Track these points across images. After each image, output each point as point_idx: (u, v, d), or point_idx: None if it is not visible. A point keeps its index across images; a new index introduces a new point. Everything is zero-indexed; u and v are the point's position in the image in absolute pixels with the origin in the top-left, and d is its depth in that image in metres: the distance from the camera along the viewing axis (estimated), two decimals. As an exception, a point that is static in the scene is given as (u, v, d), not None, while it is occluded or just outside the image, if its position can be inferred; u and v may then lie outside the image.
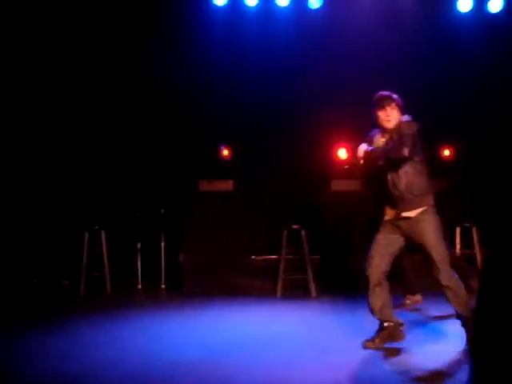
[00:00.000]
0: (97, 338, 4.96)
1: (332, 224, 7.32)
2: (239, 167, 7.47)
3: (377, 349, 4.37)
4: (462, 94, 7.56)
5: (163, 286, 7.41)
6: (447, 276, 4.26)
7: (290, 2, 7.80)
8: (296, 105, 7.52)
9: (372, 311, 4.44)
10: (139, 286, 7.38)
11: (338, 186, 7.28)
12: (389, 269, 4.42)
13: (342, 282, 6.96)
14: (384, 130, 4.40)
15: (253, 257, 7.32)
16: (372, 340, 4.41)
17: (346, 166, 6.67)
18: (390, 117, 4.34)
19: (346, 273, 7.10)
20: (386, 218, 4.46)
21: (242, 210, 7.39)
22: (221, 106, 7.65)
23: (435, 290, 4.53)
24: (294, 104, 7.53)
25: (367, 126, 7.27)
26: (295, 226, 6.89)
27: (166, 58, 7.42)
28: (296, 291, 6.89)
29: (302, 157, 7.39)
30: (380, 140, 4.42)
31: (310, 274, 6.87)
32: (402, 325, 4.45)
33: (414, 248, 4.60)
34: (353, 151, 4.52)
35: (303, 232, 6.84)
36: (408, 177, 4.29)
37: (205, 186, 7.35)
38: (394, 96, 4.41)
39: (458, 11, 7.84)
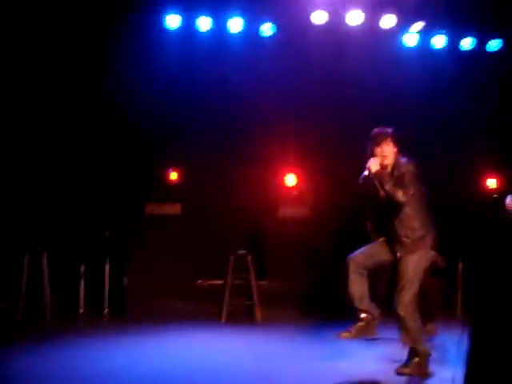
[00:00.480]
0: (33, 366, 4.77)
1: (279, 250, 7.35)
2: (188, 190, 7.44)
3: (352, 339, 4.41)
4: (404, 127, 7.77)
5: (106, 311, 7.23)
6: (405, 306, 4.33)
7: (243, 29, 7.90)
8: (246, 130, 7.57)
9: (351, 299, 4.43)
10: (81, 311, 7.18)
11: (285, 212, 7.34)
12: (368, 269, 4.47)
13: (287, 308, 6.97)
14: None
15: (199, 281, 7.26)
16: (349, 331, 4.45)
17: (295, 193, 6.76)
18: (386, 153, 4.39)
19: (292, 299, 7.14)
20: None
21: (190, 234, 7.34)
22: (170, 128, 7.62)
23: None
24: (243, 129, 7.58)
25: (316, 153, 7.45)
26: (242, 251, 6.89)
27: (117, 79, 7.36)
28: (241, 317, 6.86)
29: (251, 182, 7.43)
30: (375, 162, 4.40)
31: (256, 300, 6.85)
32: (377, 319, 4.51)
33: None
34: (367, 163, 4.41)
35: (250, 257, 6.84)
36: (405, 221, 4.35)
37: (152, 208, 7.28)
38: (389, 131, 4.49)
39: (404, 45, 8.12)
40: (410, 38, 8.11)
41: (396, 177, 4.32)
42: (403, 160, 4.44)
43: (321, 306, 7.02)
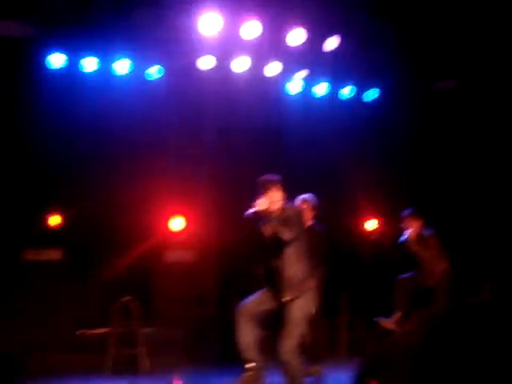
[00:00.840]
0: None
1: (165, 295, 7.20)
2: (70, 235, 7.13)
3: None
4: (289, 171, 8.00)
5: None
6: (288, 351, 4.37)
7: (130, 71, 7.83)
8: (132, 174, 7.41)
9: (240, 346, 4.46)
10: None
11: (171, 256, 7.23)
12: (257, 318, 4.53)
13: (174, 356, 6.80)
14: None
15: (81, 331, 6.91)
16: (236, 382, 4.41)
17: (181, 237, 6.68)
18: (274, 199, 4.51)
19: (179, 345, 6.98)
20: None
21: (72, 281, 7.01)
22: (52, 171, 7.30)
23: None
24: (129, 173, 7.41)
25: (203, 197, 7.44)
26: (127, 298, 6.66)
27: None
28: (126, 367, 6.59)
29: (136, 226, 7.24)
30: (263, 202, 4.49)
31: (142, 349, 6.63)
32: (264, 368, 4.50)
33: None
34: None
35: (135, 303, 6.63)
36: (289, 263, 4.44)
37: (31, 255, 6.90)
38: (276, 178, 4.63)
39: (287, 93, 8.42)
40: (294, 86, 8.42)
41: (282, 218, 4.44)
42: (289, 204, 4.61)
43: (209, 352, 6.91)
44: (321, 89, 8.51)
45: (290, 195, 4.94)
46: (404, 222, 6.54)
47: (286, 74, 8.26)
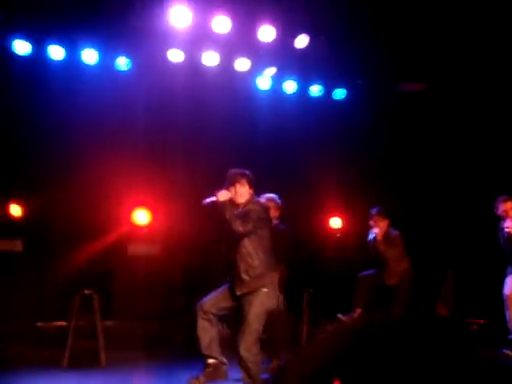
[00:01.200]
0: None
1: (127, 289, 7.13)
2: (30, 226, 6.99)
3: None
4: (256, 167, 8.01)
5: None
6: (247, 347, 4.37)
7: (97, 61, 7.71)
8: (96, 165, 7.29)
9: (199, 346, 4.45)
10: None
11: (134, 250, 7.16)
12: (217, 315, 4.57)
13: (135, 350, 6.74)
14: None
15: (39, 324, 6.79)
16: (197, 378, 4.42)
17: (145, 230, 6.62)
18: (239, 192, 4.54)
19: (141, 339, 6.92)
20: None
21: (31, 273, 6.88)
22: (12, 161, 7.15)
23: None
24: (93, 164, 7.30)
25: (168, 190, 7.39)
26: (88, 291, 6.57)
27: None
28: (85, 360, 6.50)
29: (99, 219, 7.14)
30: (224, 194, 4.48)
31: (102, 342, 6.54)
32: (225, 364, 4.51)
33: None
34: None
35: (96, 297, 6.54)
36: (245, 257, 4.43)
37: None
38: (245, 172, 4.65)
39: (257, 89, 8.43)
40: (263, 82, 8.43)
41: (242, 211, 4.46)
42: (256, 200, 4.61)
43: (170, 346, 6.87)
44: (290, 86, 8.54)
45: (257, 191, 4.96)
46: (371, 220, 6.61)
47: (256, 70, 8.26)
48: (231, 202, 4.51)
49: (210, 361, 4.49)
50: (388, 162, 8.79)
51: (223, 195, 4.47)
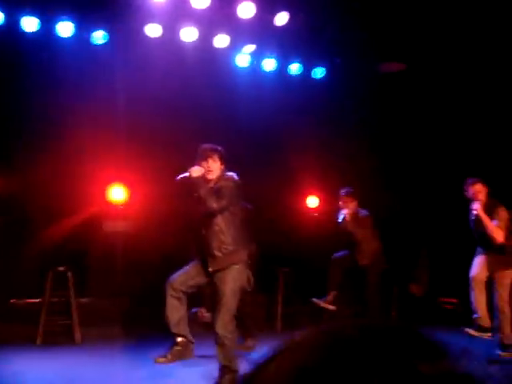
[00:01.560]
0: None
1: (102, 265, 7.07)
2: (3, 203, 6.87)
3: (169, 363, 4.37)
4: (234, 144, 7.97)
5: None
6: (223, 325, 4.36)
7: (73, 34, 7.54)
8: (71, 141, 7.15)
9: (168, 324, 4.43)
10: None
11: (110, 227, 7.09)
12: (187, 293, 4.53)
13: (109, 327, 6.72)
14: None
15: (13, 300, 6.72)
16: (165, 356, 4.43)
17: (121, 207, 6.55)
18: (211, 168, 4.47)
19: (115, 316, 6.90)
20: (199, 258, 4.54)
21: (5, 249, 6.78)
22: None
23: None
24: (68, 139, 7.16)
25: (143, 166, 7.30)
26: (62, 267, 6.51)
27: None
28: (59, 338, 6.46)
29: (74, 195, 7.03)
30: (197, 169, 4.42)
31: (76, 319, 6.51)
32: (193, 343, 4.52)
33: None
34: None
35: (70, 273, 6.49)
36: (218, 234, 4.39)
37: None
38: (217, 148, 4.56)
39: (236, 66, 8.34)
40: (242, 59, 8.34)
41: (215, 188, 4.41)
42: (227, 176, 4.54)
43: (144, 323, 6.85)
44: (269, 64, 8.47)
45: (232, 168, 4.90)
46: (340, 201, 6.64)
47: (235, 46, 8.16)
48: (204, 179, 4.46)
49: (179, 339, 4.49)
50: (366, 141, 8.81)
51: (196, 171, 4.41)
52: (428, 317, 8.07)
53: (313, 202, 8.69)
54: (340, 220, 6.70)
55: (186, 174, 4.46)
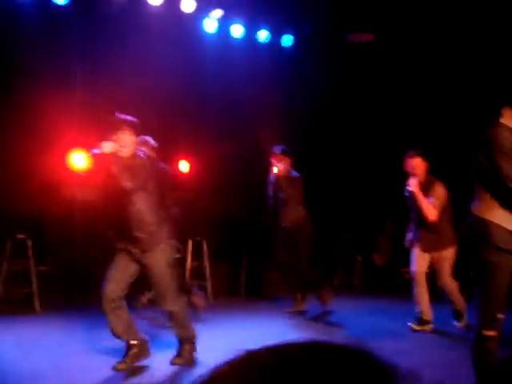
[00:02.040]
0: None
1: (62, 234, 6.95)
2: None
3: (129, 369, 4.21)
4: (201, 112, 7.85)
5: None
6: (171, 302, 4.25)
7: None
8: (30, 105, 6.91)
9: (116, 335, 4.23)
10: None
11: (71, 194, 6.92)
12: (124, 292, 4.23)
13: (70, 295, 6.64)
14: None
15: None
16: (123, 361, 4.23)
17: (82, 173, 6.37)
18: (122, 142, 3.98)
19: (76, 284, 6.81)
20: (119, 245, 4.21)
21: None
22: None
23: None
24: (27, 104, 6.92)
25: (105, 132, 7.12)
26: (20, 236, 6.37)
27: None
28: (19, 306, 6.36)
29: (34, 162, 6.80)
30: (110, 145, 4.00)
31: (35, 288, 6.41)
32: (147, 341, 4.36)
33: None
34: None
35: (29, 242, 6.36)
36: (137, 215, 4.06)
37: None
38: (128, 119, 4.07)
39: (204, 31, 8.15)
40: (210, 24, 8.15)
41: (129, 166, 4.00)
42: (140, 152, 4.15)
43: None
44: (237, 30, 8.30)
45: (203, 137, 4.75)
46: (274, 158, 6.17)
47: (202, 11, 7.97)
48: (117, 154, 3.99)
49: (132, 342, 4.26)
50: (331, 109, 8.81)
51: (109, 146, 3.97)
52: (389, 286, 8.21)
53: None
54: (271, 178, 6.23)
55: (97, 151, 4.00)
